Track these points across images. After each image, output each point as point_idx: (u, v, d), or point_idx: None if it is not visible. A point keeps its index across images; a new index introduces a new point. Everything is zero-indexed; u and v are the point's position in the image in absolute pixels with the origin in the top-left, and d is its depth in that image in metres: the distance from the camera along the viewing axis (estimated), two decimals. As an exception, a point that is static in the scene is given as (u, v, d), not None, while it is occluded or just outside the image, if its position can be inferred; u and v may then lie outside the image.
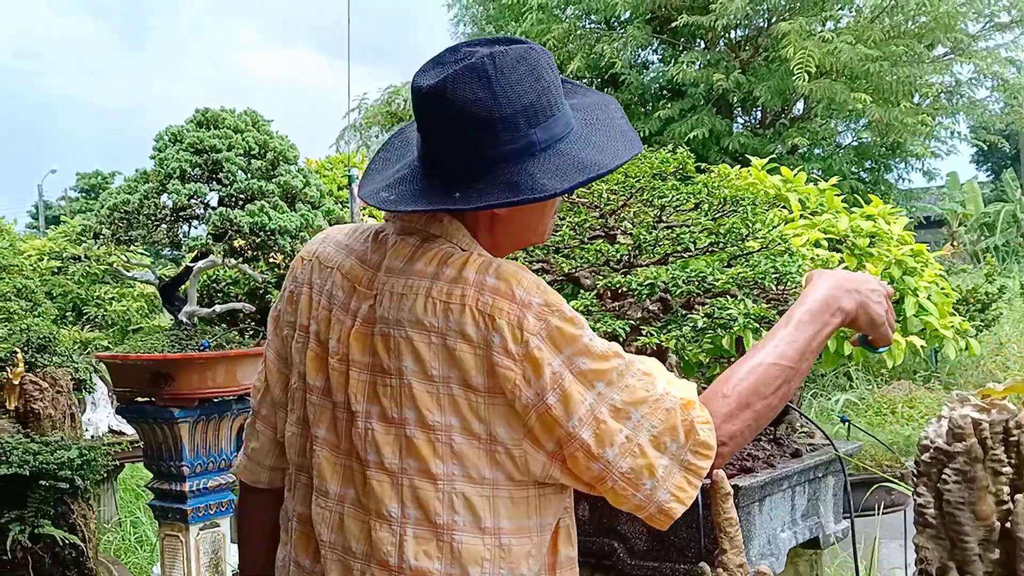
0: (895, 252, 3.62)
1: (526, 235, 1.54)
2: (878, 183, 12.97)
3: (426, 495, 1.36)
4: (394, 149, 1.56)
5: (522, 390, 1.33)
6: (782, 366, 1.44)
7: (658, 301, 2.42)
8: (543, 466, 1.37)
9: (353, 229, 1.58)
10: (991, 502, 1.53)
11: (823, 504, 2.56)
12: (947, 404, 1.60)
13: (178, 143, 3.32)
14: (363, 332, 1.42)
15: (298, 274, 1.58)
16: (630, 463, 1.34)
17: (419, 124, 1.43)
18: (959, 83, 12.71)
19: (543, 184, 1.35)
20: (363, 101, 15.15)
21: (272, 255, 3.56)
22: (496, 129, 1.35)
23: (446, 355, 1.35)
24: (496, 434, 1.36)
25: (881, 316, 1.58)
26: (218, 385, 3.28)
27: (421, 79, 1.39)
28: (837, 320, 1.53)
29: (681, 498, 1.37)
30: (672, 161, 2.61)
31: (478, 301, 1.35)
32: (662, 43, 12.83)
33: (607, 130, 1.47)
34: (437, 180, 1.40)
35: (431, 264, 1.40)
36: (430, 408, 1.36)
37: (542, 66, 1.40)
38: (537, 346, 1.33)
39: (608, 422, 1.34)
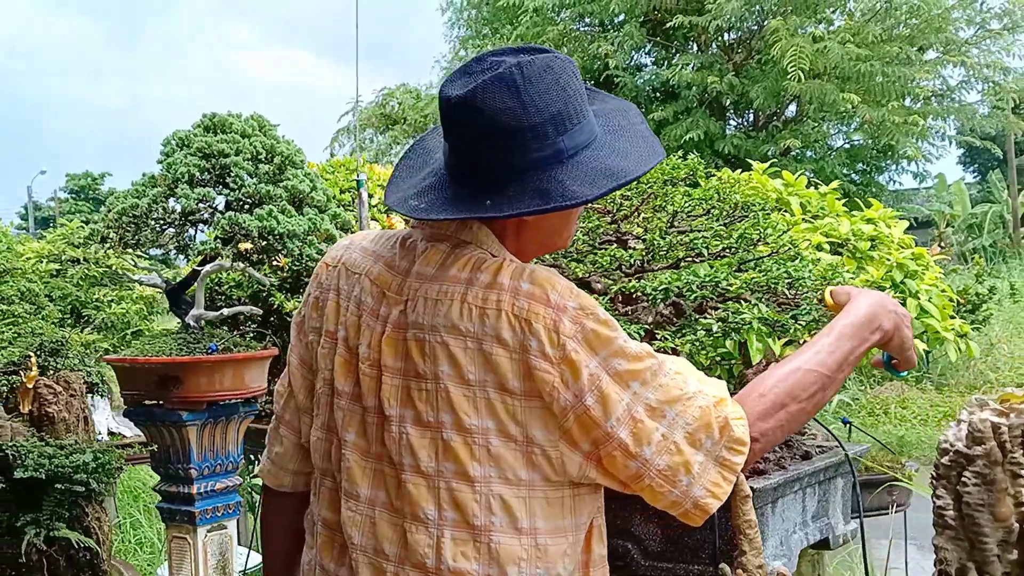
0: (896, 255, 3.66)
1: (552, 240, 1.56)
2: (869, 185, 13.07)
3: (463, 497, 1.39)
4: (416, 157, 1.58)
5: (560, 392, 1.36)
6: (820, 373, 1.47)
7: (671, 305, 2.44)
8: (579, 466, 1.40)
9: (379, 236, 1.60)
10: (1010, 504, 1.56)
11: (832, 505, 2.59)
12: (966, 408, 1.63)
13: (186, 148, 3.32)
14: (395, 337, 1.44)
15: (323, 280, 1.60)
16: (667, 460, 1.37)
17: (447, 133, 1.45)
18: (949, 87, 12.82)
19: (573, 191, 1.38)
20: (357, 103, 15.18)
21: (276, 258, 3.58)
22: (526, 137, 1.38)
23: (482, 359, 1.37)
24: (533, 436, 1.38)
25: (911, 340, 1.63)
26: (226, 388, 3.29)
27: (449, 89, 1.41)
28: (876, 337, 1.57)
29: (716, 493, 1.40)
30: (683, 167, 2.64)
31: (514, 306, 1.37)
32: (656, 45, 12.91)
33: (629, 136, 1.50)
34: (467, 188, 1.42)
35: (465, 270, 1.42)
36: (467, 412, 1.38)
37: (568, 74, 1.42)
38: (574, 349, 1.35)
39: (645, 421, 1.37)
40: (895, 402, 9.40)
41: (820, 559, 3.21)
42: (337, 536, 1.52)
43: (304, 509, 1.66)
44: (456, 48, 14.45)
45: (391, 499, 1.44)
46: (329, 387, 1.53)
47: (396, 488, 1.43)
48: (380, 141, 14.91)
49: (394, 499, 1.44)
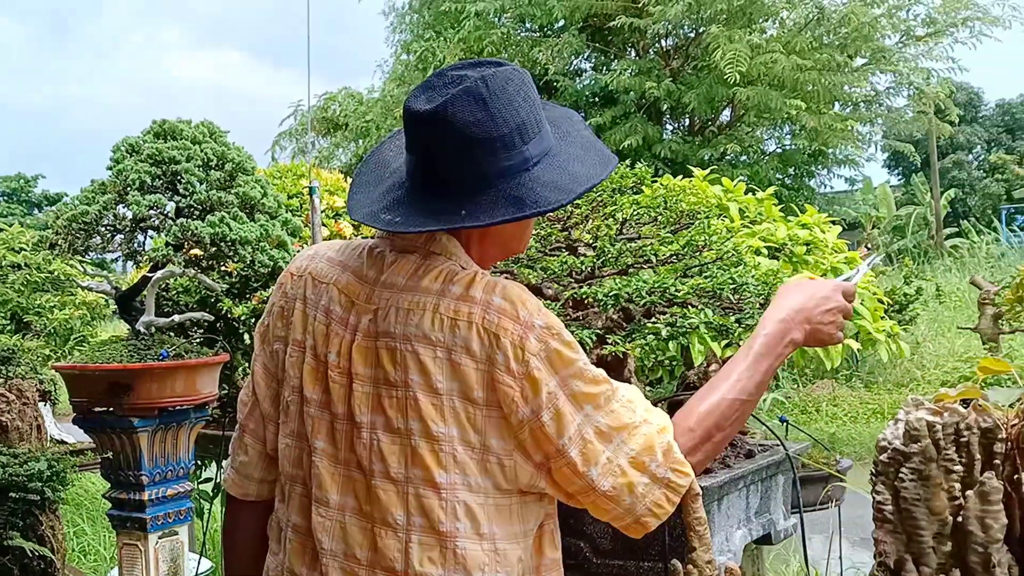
0: (830, 259, 3.81)
1: (512, 246, 1.62)
2: (801, 189, 13.39)
3: (430, 503, 1.43)
4: (374, 169, 1.61)
5: (519, 406, 1.41)
6: (742, 400, 1.55)
7: (620, 311, 2.53)
8: (531, 475, 1.45)
9: (344, 246, 1.63)
10: (944, 498, 1.66)
11: (774, 501, 2.71)
12: (903, 408, 1.74)
13: (136, 154, 3.33)
14: (366, 346, 1.48)
15: (288, 290, 1.62)
16: (611, 482, 1.44)
17: (412, 146, 1.49)
18: (877, 92, 13.21)
19: (546, 197, 1.44)
20: (298, 107, 15.09)
21: (225, 264, 3.59)
22: (495, 147, 1.43)
23: (451, 369, 1.42)
24: (490, 444, 1.43)
25: (828, 339, 1.70)
26: (177, 394, 3.29)
27: (416, 103, 1.45)
28: (789, 350, 1.65)
29: (658, 513, 1.48)
30: (630, 176, 2.73)
31: (484, 319, 1.42)
32: (595, 51, 13.06)
33: (579, 142, 1.56)
34: (438, 199, 1.46)
35: (437, 281, 1.46)
36: (435, 419, 1.42)
37: (527, 85, 1.49)
38: (537, 366, 1.41)
39: (594, 443, 1.43)
40: (826, 400, 9.67)
41: (759, 554, 3.33)
42: (308, 542, 1.54)
43: (268, 517, 1.68)
44: (398, 52, 14.43)
45: (361, 504, 1.48)
46: (298, 395, 1.56)
47: (366, 494, 1.47)
48: (322, 146, 14.86)
49: (364, 504, 1.47)
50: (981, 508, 1.63)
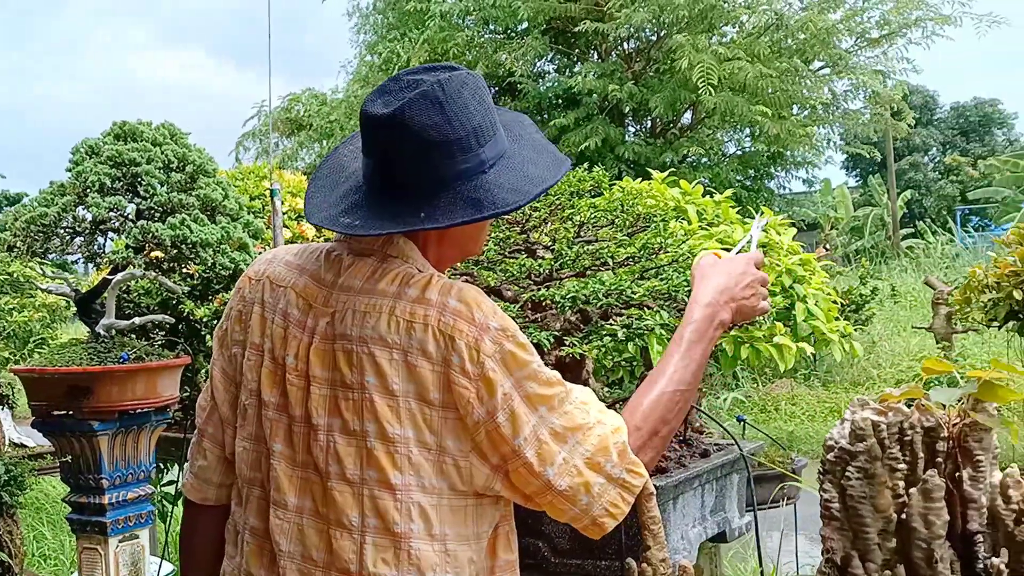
0: (785, 261, 3.88)
1: (469, 247, 1.65)
2: (760, 190, 13.54)
3: (385, 504, 1.44)
4: (330, 173, 1.63)
5: (475, 407, 1.43)
6: (682, 391, 1.59)
7: (578, 313, 2.57)
8: (486, 477, 1.47)
9: (302, 250, 1.65)
10: (888, 496, 1.71)
11: (729, 500, 2.76)
12: (850, 408, 1.79)
13: (95, 156, 3.32)
14: (323, 348, 1.49)
15: (246, 294, 1.63)
16: (568, 482, 1.46)
17: (370, 150, 1.51)
18: (835, 96, 13.40)
19: (504, 199, 1.47)
20: (262, 108, 14.99)
21: (186, 266, 3.59)
22: (452, 150, 1.46)
23: (407, 370, 1.44)
24: (446, 446, 1.45)
25: (754, 311, 1.76)
26: (138, 397, 3.29)
27: (373, 108, 1.47)
28: (719, 332, 1.70)
29: (614, 513, 1.50)
30: (588, 179, 2.77)
31: (440, 321, 1.44)
32: (558, 53, 13.12)
33: (531, 145, 1.60)
34: (397, 202, 1.48)
35: (393, 284, 1.48)
36: (390, 421, 1.44)
37: (482, 89, 1.52)
38: (492, 368, 1.43)
39: (549, 443, 1.45)
40: (785, 399, 9.80)
41: (716, 552, 3.39)
42: (266, 545, 1.55)
43: (226, 522, 1.69)
44: (362, 53, 14.38)
45: (317, 506, 1.49)
46: (256, 398, 1.57)
47: (322, 495, 1.48)
48: (286, 146, 14.78)
49: (320, 506, 1.49)
50: (924, 505, 1.68)
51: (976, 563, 1.70)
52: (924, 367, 1.81)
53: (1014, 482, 1.71)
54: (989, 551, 1.71)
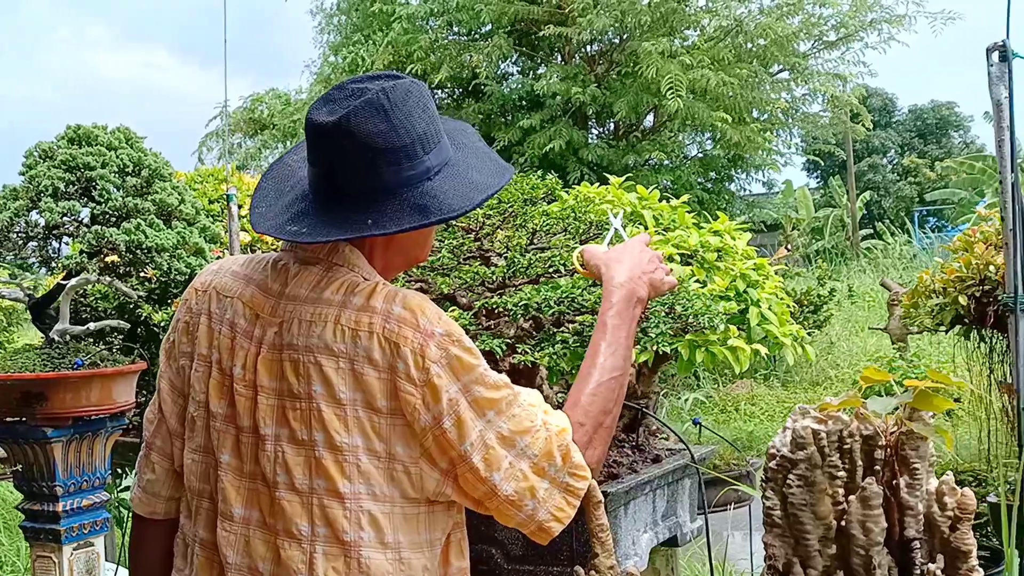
0: (740, 266, 3.93)
1: (414, 254, 1.66)
2: (721, 192, 13.67)
3: (334, 513, 1.45)
4: (276, 181, 1.63)
5: (421, 413, 1.44)
6: (615, 377, 1.62)
7: (531, 319, 2.60)
8: (437, 483, 1.48)
9: (248, 259, 1.65)
10: (828, 504, 1.75)
11: (681, 504, 2.80)
12: (791, 416, 1.83)
13: (49, 160, 3.29)
14: (271, 358, 1.50)
15: (193, 305, 1.63)
16: (514, 486, 1.48)
17: (315, 158, 1.52)
18: (794, 99, 13.55)
19: (450, 205, 1.49)
20: (224, 108, 14.88)
21: (144, 270, 3.57)
22: (398, 157, 1.47)
23: (353, 379, 1.45)
24: (395, 452, 1.46)
25: (663, 284, 1.80)
26: (92, 403, 3.26)
27: (318, 116, 1.48)
28: (639, 309, 1.72)
29: (560, 517, 1.52)
30: (541, 187, 2.80)
31: (385, 328, 1.45)
32: (522, 55, 13.15)
33: (474, 153, 1.62)
34: (343, 209, 1.49)
35: (339, 293, 1.49)
36: (338, 430, 1.45)
37: (426, 97, 1.54)
38: (437, 373, 1.45)
39: (496, 448, 1.47)
40: (745, 399, 9.90)
41: (673, 555, 3.43)
42: (216, 557, 1.55)
43: (175, 535, 1.68)
44: (326, 54, 14.31)
45: (265, 517, 1.50)
46: (204, 409, 1.57)
47: (270, 506, 1.49)
48: (249, 146, 14.67)
49: (268, 517, 1.49)
50: (862, 512, 1.72)
51: (913, 569, 1.74)
52: (863, 376, 1.85)
53: (949, 489, 1.76)
54: (926, 557, 1.75)
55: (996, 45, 2.35)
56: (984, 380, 3.36)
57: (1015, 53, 2.36)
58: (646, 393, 3.82)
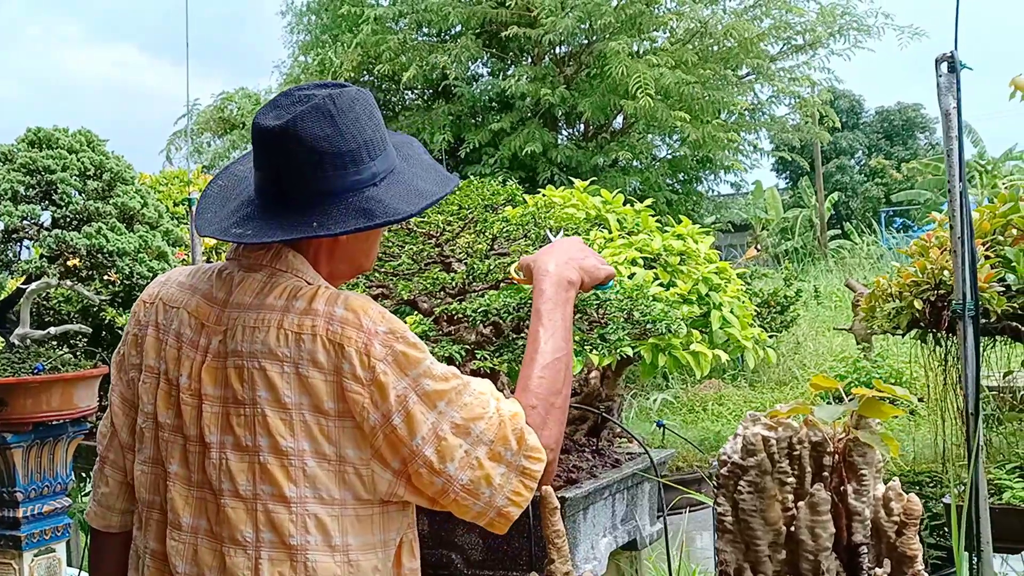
0: (702, 270, 3.98)
1: (359, 262, 1.67)
2: (690, 193, 13.75)
3: (280, 518, 1.46)
4: (223, 188, 1.65)
5: (370, 412, 1.46)
6: (559, 357, 1.64)
7: (491, 325, 2.62)
8: (389, 484, 1.50)
9: (194, 270, 1.67)
10: (778, 509, 1.78)
11: (640, 508, 2.83)
12: (742, 423, 1.86)
13: (8, 163, 3.27)
14: (215, 366, 1.51)
15: (141, 317, 1.65)
16: (469, 475, 1.49)
17: (261, 163, 1.54)
18: (760, 102, 13.66)
19: (395, 208, 1.51)
20: (195, 106, 14.78)
21: (108, 273, 3.55)
22: (344, 161, 1.50)
23: (299, 383, 1.46)
24: (345, 455, 1.47)
25: (597, 268, 1.81)
26: (53, 409, 3.24)
27: (265, 120, 1.50)
28: (572, 292, 1.74)
29: (518, 502, 1.53)
30: (502, 193, 2.82)
31: (328, 330, 1.47)
32: (492, 56, 13.17)
33: (421, 164, 1.65)
34: (289, 213, 1.51)
35: (281, 298, 1.51)
36: (283, 434, 1.46)
37: (372, 105, 1.57)
38: (383, 371, 1.46)
39: (448, 439, 1.47)
40: (712, 399, 9.97)
41: (637, 557, 3.46)
42: (165, 568, 1.56)
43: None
44: (296, 54, 14.23)
45: (212, 526, 1.50)
46: (152, 420, 1.58)
47: (216, 514, 1.50)
48: (218, 145, 14.56)
49: (214, 525, 1.50)
50: (811, 518, 1.75)
51: (860, 573, 1.78)
52: (812, 383, 1.89)
53: (895, 495, 1.79)
54: (873, 562, 1.79)
55: (944, 56, 2.39)
56: (940, 383, 3.43)
57: (963, 64, 2.41)
58: (611, 396, 3.84)
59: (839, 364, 9.46)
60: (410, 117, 12.42)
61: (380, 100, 13.49)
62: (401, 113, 13.01)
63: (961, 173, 2.37)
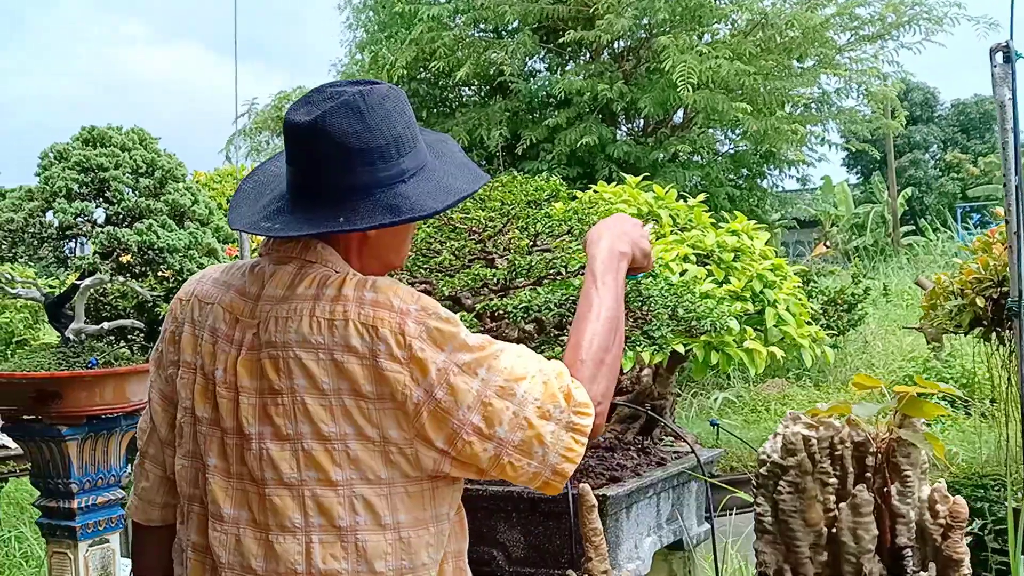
0: (757, 266, 3.89)
1: (389, 259, 1.67)
2: (753, 189, 13.50)
3: (328, 502, 1.48)
4: (256, 185, 1.68)
5: (412, 390, 1.46)
6: (611, 316, 1.63)
7: (533, 322, 2.59)
8: (434, 461, 1.50)
9: (228, 267, 1.69)
10: (819, 510, 1.73)
11: (686, 508, 2.77)
12: (782, 422, 1.81)
13: (63, 161, 3.34)
14: (250, 359, 1.53)
15: (177, 314, 1.68)
16: (520, 436, 1.48)
17: (292, 158, 1.55)
18: (827, 93, 13.35)
19: (421, 205, 1.52)
20: (253, 105, 14.99)
21: (160, 270, 3.61)
22: (372, 158, 1.51)
23: (335, 369, 1.47)
24: (388, 436, 1.48)
25: (648, 246, 1.83)
26: (106, 402, 3.30)
27: (296, 116, 1.52)
28: (624, 264, 1.75)
29: (571, 457, 1.52)
30: (545, 188, 2.78)
31: (360, 315, 1.48)
32: (549, 52, 13.09)
33: (452, 161, 1.65)
34: (318, 208, 1.52)
35: (311, 287, 1.52)
36: (324, 420, 1.47)
37: (403, 102, 1.57)
38: (420, 347, 1.46)
39: (494, 403, 1.47)
40: (776, 399, 9.78)
41: (691, 558, 3.41)
42: (208, 559, 1.58)
43: (173, 541, 1.72)
44: (352, 52, 14.32)
45: (254, 515, 1.52)
46: (191, 415, 1.60)
47: (259, 503, 1.51)
48: (276, 144, 14.71)
49: (257, 514, 1.52)
50: (853, 520, 1.69)
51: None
52: (854, 382, 1.82)
53: (941, 497, 1.72)
54: (918, 565, 1.73)
55: (999, 46, 2.29)
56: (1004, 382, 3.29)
57: (1018, 54, 2.30)
58: (663, 394, 3.78)
59: (908, 364, 9.20)
60: (466, 114, 12.37)
61: (435, 97, 13.45)
62: (457, 110, 12.97)
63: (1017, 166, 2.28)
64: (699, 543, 2.87)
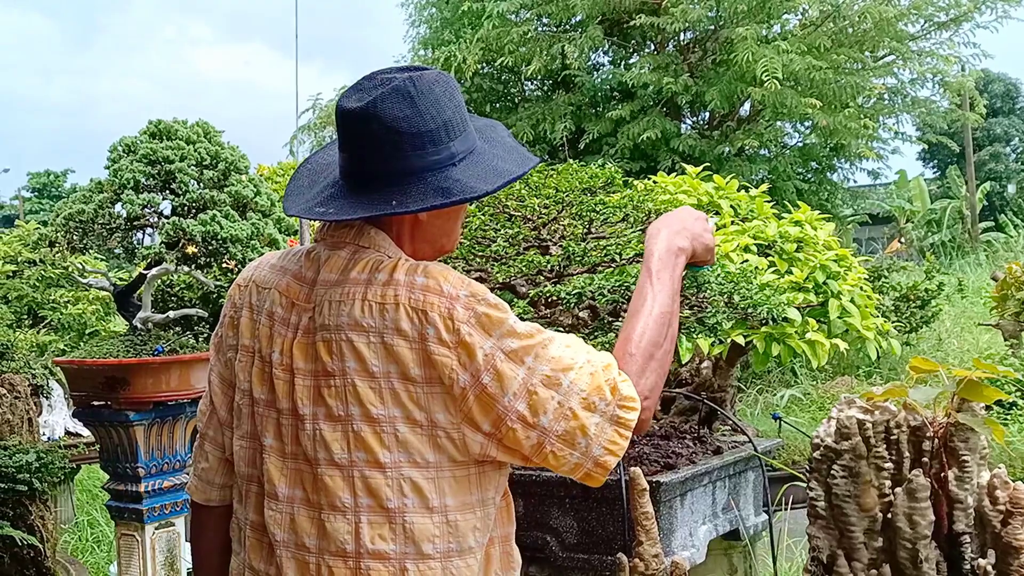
0: (820, 257, 3.81)
1: (441, 242, 1.70)
2: (823, 183, 13.25)
3: (376, 483, 1.51)
4: (309, 173, 1.71)
5: (459, 374, 1.48)
6: (664, 312, 1.63)
7: (587, 308, 2.58)
8: (481, 445, 1.52)
9: (284, 253, 1.74)
10: (874, 495, 1.69)
11: (743, 498, 2.73)
12: (836, 406, 1.78)
13: (131, 154, 3.42)
14: (305, 342, 1.57)
15: (236, 300, 1.72)
16: (564, 426, 1.49)
17: (346, 143, 1.59)
18: (902, 84, 13.01)
19: (472, 187, 1.54)
20: (317, 101, 15.20)
21: (224, 261, 3.68)
22: (423, 141, 1.53)
23: (385, 352, 1.50)
24: (436, 420, 1.50)
25: (712, 240, 1.83)
26: (172, 388, 3.39)
27: (347, 102, 1.55)
28: (682, 259, 1.75)
29: (614, 451, 1.52)
30: (601, 176, 2.77)
31: (410, 299, 1.50)
32: (613, 45, 13.01)
33: (502, 144, 1.67)
34: (370, 192, 1.56)
35: (364, 271, 1.55)
36: (373, 402, 1.50)
37: (453, 87, 1.60)
38: (468, 332, 1.48)
39: (539, 392, 1.48)
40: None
41: (752, 550, 3.36)
42: (264, 537, 1.62)
43: (231, 521, 1.76)
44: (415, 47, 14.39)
45: (308, 494, 1.56)
46: (248, 397, 1.65)
47: (312, 482, 1.55)
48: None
49: (311, 493, 1.55)
50: (909, 505, 1.66)
51: (963, 564, 1.68)
52: (911, 366, 1.78)
53: (1001, 483, 1.68)
54: (976, 552, 1.68)
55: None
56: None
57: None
58: (723, 387, 3.74)
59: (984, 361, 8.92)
60: (529, 108, 12.33)
61: (500, 92, 13.44)
62: (520, 105, 12.95)
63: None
64: (756, 534, 2.82)
